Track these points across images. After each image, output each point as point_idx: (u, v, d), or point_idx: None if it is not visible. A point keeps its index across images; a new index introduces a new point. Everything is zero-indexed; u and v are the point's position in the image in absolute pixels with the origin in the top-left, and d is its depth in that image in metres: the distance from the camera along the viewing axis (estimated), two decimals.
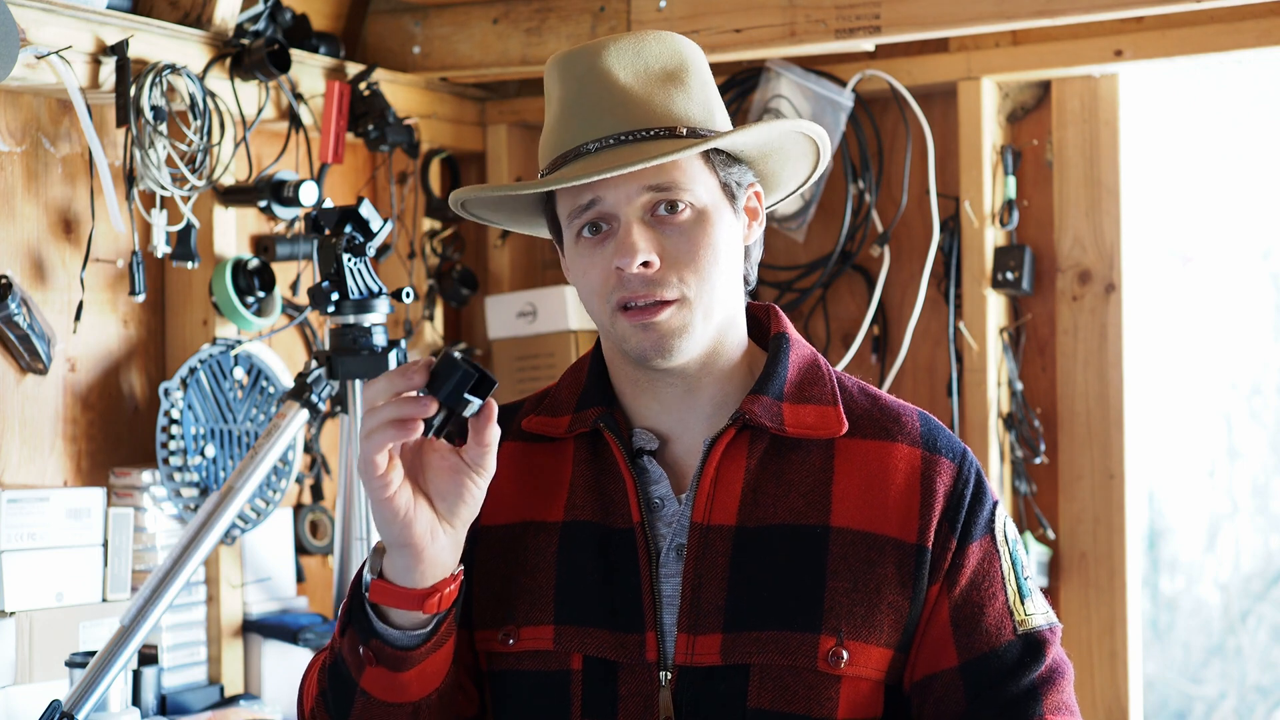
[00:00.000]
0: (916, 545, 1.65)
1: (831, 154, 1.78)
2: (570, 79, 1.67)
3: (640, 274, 1.63)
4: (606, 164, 1.61)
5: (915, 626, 1.66)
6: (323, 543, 3.43)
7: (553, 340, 3.60)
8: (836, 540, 1.65)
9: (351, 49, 3.62)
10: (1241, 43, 3.07)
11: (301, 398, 2.82)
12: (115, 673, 2.55)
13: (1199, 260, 4.86)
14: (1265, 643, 4.99)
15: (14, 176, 2.90)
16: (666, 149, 1.61)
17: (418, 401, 1.53)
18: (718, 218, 1.67)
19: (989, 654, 1.65)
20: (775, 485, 1.67)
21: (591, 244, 1.66)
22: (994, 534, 1.69)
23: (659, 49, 1.68)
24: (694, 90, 1.68)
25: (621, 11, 3.41)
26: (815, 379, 1.74)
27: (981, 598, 1.67)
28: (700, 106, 1.67)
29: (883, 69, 3.36)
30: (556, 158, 1.67)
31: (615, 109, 1.64)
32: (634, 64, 1.66)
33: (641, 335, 1.65)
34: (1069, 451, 3.32)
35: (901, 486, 1.68)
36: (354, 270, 2.83)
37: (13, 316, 2.79)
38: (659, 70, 1.67)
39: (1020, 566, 1.70)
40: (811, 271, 3.48)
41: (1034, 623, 1.68)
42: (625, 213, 1.64)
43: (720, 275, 1.67)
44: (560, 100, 1.68)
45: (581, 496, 1.71)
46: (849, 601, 1.63)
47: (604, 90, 1.65)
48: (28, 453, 2.92)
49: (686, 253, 1.64)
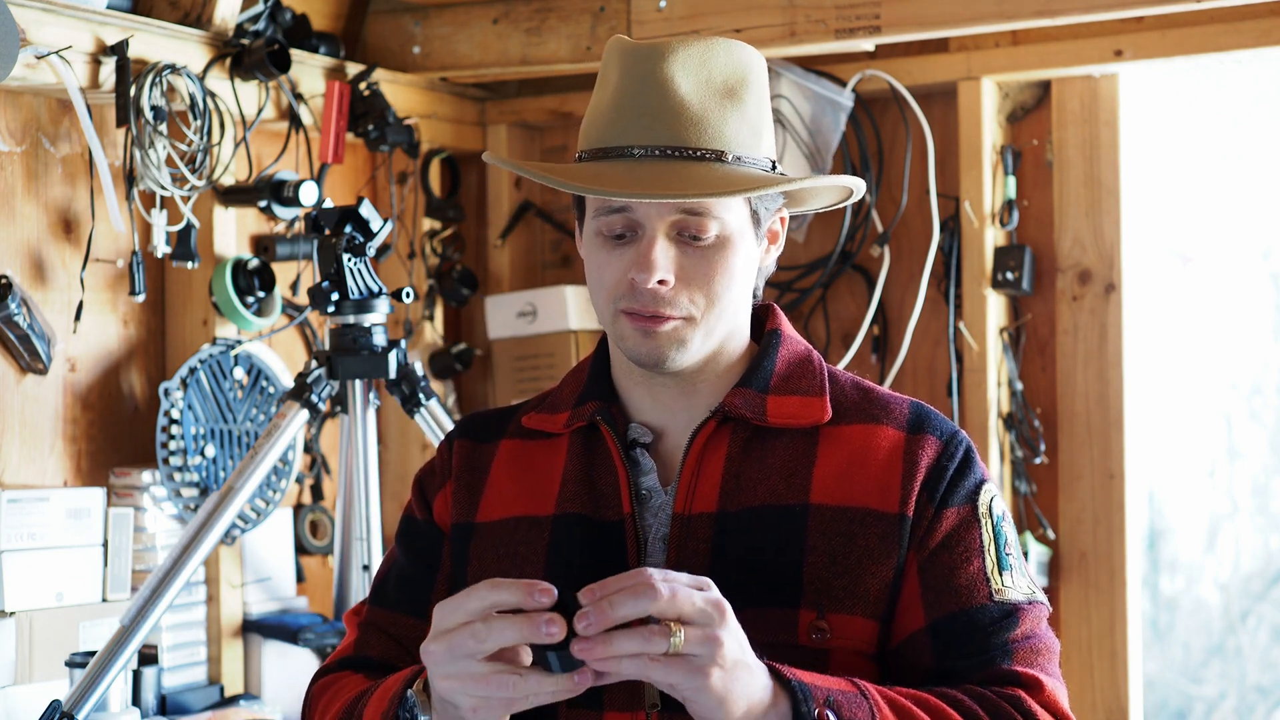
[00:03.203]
0: (898, 515, 1.65)
1: (854, 188, 1.77)
2: (631, 74, 1.65)
3: (653, 290, 1.64)
4: (647, 177, 1.60)
5: (896, 595, 1.65)
6: (323, 543, 3.43)
7: (553, 340, 3.60)
8: (815, 516, 1.65)
9: (351, 49, 3.62)
10: (1241, 43, 3.07)
11: (301, 398, 2.82)
12: (115, 673, 2.56)
13: (1199, 260, 4.86)
14: (1265, 643, 4.99)
15: (14, 176, 2.90)
16: (710, 178, 1.61)
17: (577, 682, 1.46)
18: (740, 243, 1.67)
19: (958, 613, 1.63)
20: (757, 469, 1.68)
21: (611, 244, 1.66)
22: (975, 505, 1.67)
23: (725, 60, 1.67)
24: (749, 108, 1.67)
25: (621, 11, 3.41)
26: (804, 372, 1.74)
27: (954, 560, 1.65)
28: (751, 129, 1.67)
29: (883, 69, 3.36)
30: (598, 149, 1.66)
31: (669, 119, 1.63)
32: (697, 74, 1.65)
33: (640, 340, 1.66)
34: (1069, 451, 3.32)
35: (883, 463, 1.68)
36: (354, 270, 2.83)
37: (13, 316, 2.79)
38: (720, 83, 1.66)
39: (1004, 541, 1.68)
40: (811, 271, 3.48)
41: (1010, 595, 1.65)
42: (653, 227, 1.64)
43: (731, 298, 1.68)
44: (616, 91, 1.66)
45: (572, 489, 1.72)
46: (829, 575, 1.63)
47: (662, 96, 1.64)
48: (28, 453, 2.92)
49: (703, 275, 1.65)
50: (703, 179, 1.61)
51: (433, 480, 1.83)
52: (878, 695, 1.54)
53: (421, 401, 2.88)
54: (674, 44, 1.66)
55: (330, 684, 1.78)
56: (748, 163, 1.65)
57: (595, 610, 1.42)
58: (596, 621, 1.41)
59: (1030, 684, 1.62)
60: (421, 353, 3.62)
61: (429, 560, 1.79)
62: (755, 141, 1.67)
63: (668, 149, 1.62)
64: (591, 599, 1.43)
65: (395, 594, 1.81)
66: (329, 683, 1.79)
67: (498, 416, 1.85)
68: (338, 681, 1.77)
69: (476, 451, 1.81)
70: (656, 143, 1.62)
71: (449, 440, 1.84)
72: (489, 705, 1.48)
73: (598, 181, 1.61)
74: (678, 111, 1.63)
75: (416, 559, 1.80)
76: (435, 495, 1.81)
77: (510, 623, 1.44)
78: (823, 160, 3.36)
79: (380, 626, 1.80)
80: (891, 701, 1.55)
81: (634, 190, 1.59)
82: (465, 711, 1.50)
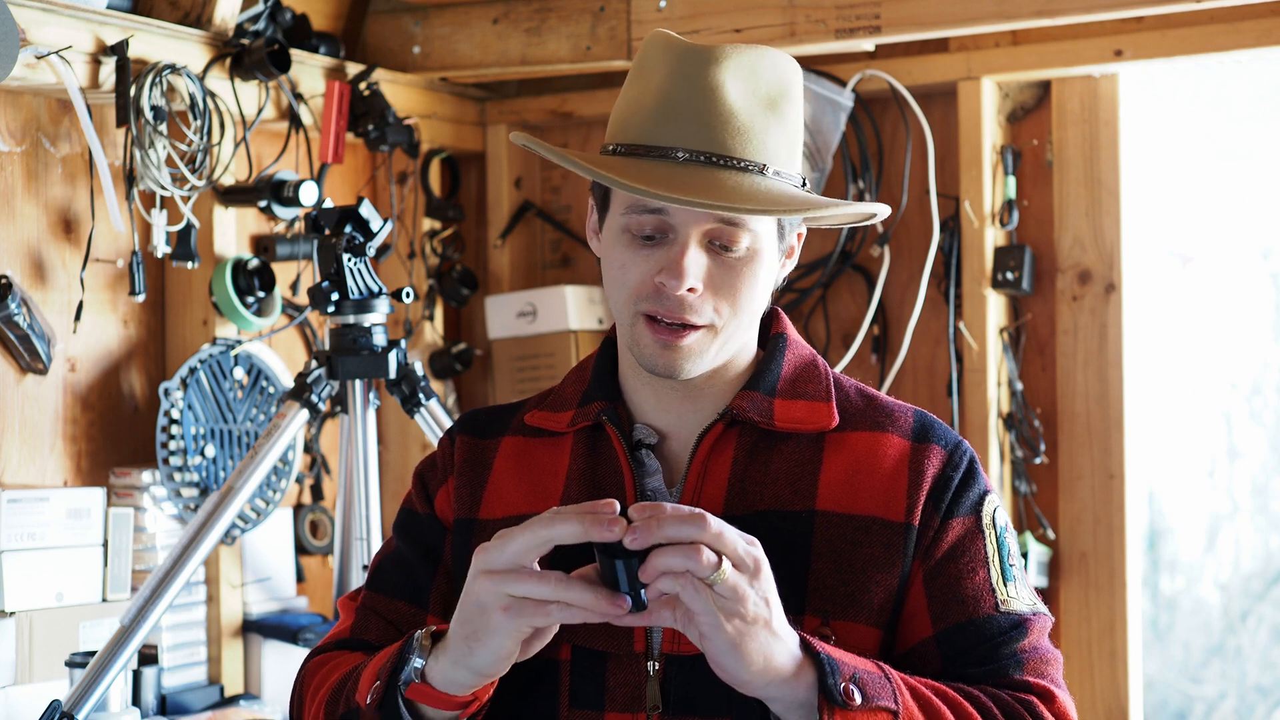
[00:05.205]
0: (904, 524, 1.65)
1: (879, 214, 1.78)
2: (680, 74, 1.64)
3: (680, 296, 1.63)
4: (692, 183, 1.59)
5: (901, 604, 1.66)
6: (323, 543, 3.43)
7: (553, 340, 3.60)
8: (821, 523, 1.65)
9: (351, 49, 3.62)
10: (1241, 43, 3.07)
11: (301, 398, 2.82)
12: (115, 673, 2.56)
13: (1199, 260, 4.86)
14: (1265, 643, 4.99)
15: (14, 176, 2.90)
16: (755, 192, 1.60)
17: (615, 602, 1.48)
18: (766, 256, 1.67)
19: (965, 624, 1.64)
20: (763, 474, 1.68)
21: (639, 243, 1.65)
22: (980, 516, 1.68)
23: (772, 72, 1.66)
24: (788, 121, 1.66)
25: (621, 12, 3.41)
26: (810, 376, 1.75)
27: (959, 570, 1.66)
28: (789, 143, 1.67)
29: (883, 69, 3.36)
30: (638, 145, 1.64)
31: (716, 125, 1.62)
32: (747, 82, 1.64)
33: (658, 351, 1.66)
34: (1069, 451, 3.32)
35: (890, 471, 1.68)
36: (354, 270, 2.83)
37: (13, 316, 2.79)
38: (765, 94, 1.65)
39: (1007, 553, 1.69)
40: (811, 271, 3.48)
41: (1015, 606, 1.66)
42: (687, 233, 1.63)
43: (753, 310, 1.69)
44: (661, 88, 1.64)
45: (576, 489, 1.72)
46: (834, 582, 1.63)
47: (712, 101, 1.62)
48: (28, 453, 2.92)
49: (730, 285, 1.65)
50: (748, 191, 1.60)
51: (434, 475, 1.82)
52: (900, 680, 1.56)
53: (421, 401, 2.88)
54: (725, 48, 1.64)
55: (325, 661, 1.77)
56: (785, 177, 1.65)
57: (643, 525, 1.44)
58: (643, 536, 1.44)
59: (1043, 694, 1.64)
60: (421, 353, 3.62)
61: (429, 553, 1.78)
62: (791, 156, 1.67)
63: (713, 156, 1.61)
64: (641, 515, 1.45)
65: (393, 579, 1.80)
66: (324, 660, 1.77)
67: (500, 413, 1.84)
68: (334, 659, 1.76)
69: (478, 447, 1.80)
70: (701, 148, 1.61)
71: (450, 435, 1.83)
72: (520, 609, 1.47)
73: (645, 180, 1.59)
74: (726, 119, 1.62)
75: (416, 550, 1.80)
76: (437, 490, 1.80)
77: (575, 516, 1.46)
78: (823, 160, 3.36)
79: (378, 611, 1.79)
80: (913, 689, 1.56)
81: (686, 195, 1.57)
82: (493, 612, 1.48)
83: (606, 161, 1.65)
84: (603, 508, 1.46)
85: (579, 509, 1.47)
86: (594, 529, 1.45)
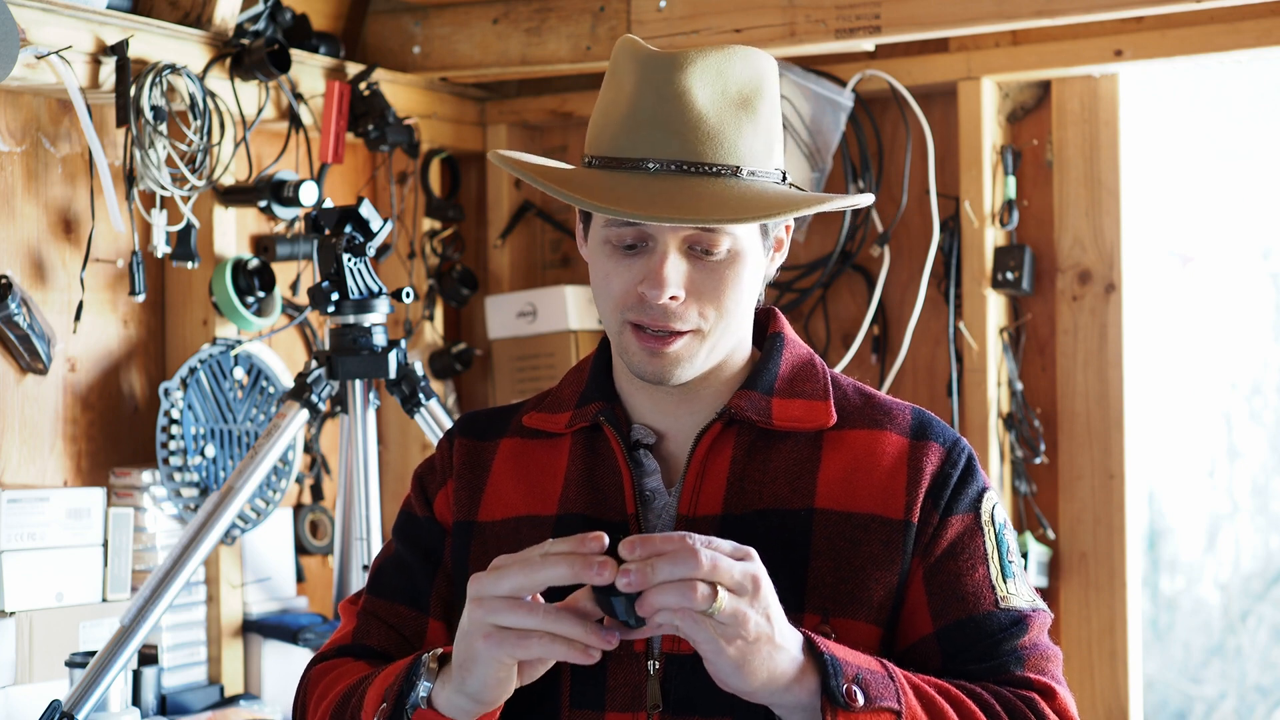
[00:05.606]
0: (903, 521, 1.66)
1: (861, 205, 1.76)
2: (647, 82, 1.63)
3: (663, 305, 1.63)
4: (663, 195, 1.59)
5: (900, 601, 1.66)
6: (323, 543, 3.43)
7: (553, 340, 3.60)
8: (820, 521, 1.65)
9: (351, 49, 3.62)
10: (1241, 43, 3.07)
11: (301, 398, 2.82)
12: (115, 673, 2.56)
13: (1199, 260, 4.86)
14: (1265, 643, 4.99)
15: (14, 176, 2.90)
16: (727, 197, 1.59)
17: (605, 638, 1.47)
18: (750, 256, 1.67)
19: (965, 620, 1.65)
20: (762, 473, 1.68)
21: (621, 253, 1.65)
22: (979, 513, 1.69)
23: (741, 70, 1.65)
24: (762, 119, 1.66)
25: (621, 11, 3.41)
26: (808, 375, 1.75)
27: (959, 566, 1.66)
28: (764, 141, 1.66)
29: (883, 69, 3.36)
30: (610, 158, 1.64)
31: (686, 134, 1.61)
32: (715, 84, 1.63)
33: (645, 359, 1.66)
34: (1069, 451, 3.32)
35: (888, 469, 1.68)
36: (354, 270, 2.83)
37: (13, 316, 2.79)
38: (735, 94, 1.64)
39: (1006, 549, 1.69)
40: (811, 271, 3.48)
41: (1015, 602, 1.67)
42: (665, 241, 1.63)
43: (740, 311, 1.68)
44: (631, 98, 1.64)
45: (575, 490, 1.72)
46: (834, 580, 1.64)
47: (679, 109, 1.62)
48: (28, 453, 2.92)
49: (713, 289, 1.65)
50: (720, 198, 1.60)
51: (433, 478, 1.82)
52: (904, 679, 1.56)
53: (421, 401, 2.88)
54: (691, 54, 1.64)
55: (329, 669, 1.77)
56: (761, 176, 1.65)
57: (637, 572, 1.44)
58: (637, 582, 1.44)
59: (1044, 691, 1.64)
60: (421, 353, 3.62)
61: (429, 556, 1.78)
62: (768, 153, 1.66)
63: (683, 164, 1.61)
64: (631, 553, 1.44)
65: (393, 583, 1.80)
66: (327, 668, 1.77)
67: (498, 415, 1.84)
68: (337, 667, 1.76)
69: (477, 450, 1.80)
70: (672, 156, 1.61)
71: (449, 438, 1.84)
72: (501, 639, 1.47)
73: (613, 197, 1.59)
74: (694, 126, 1.62)
75: (416, 553, 1.80)
76: (436, 493, 1.81)
77: (564, 559, 1.45)
78: (823, 160, 3.36)
79: (379, 616, 1.79)
80: (916, 688, 1.56)
81: (652, 212, 1.57)
82: (476, 640, 1.48)
83: (581, 175, 1.65)
84: (590, 543, 1.45)
85: (567, 547, 1.46)
86: (584, 572, 1.44)
